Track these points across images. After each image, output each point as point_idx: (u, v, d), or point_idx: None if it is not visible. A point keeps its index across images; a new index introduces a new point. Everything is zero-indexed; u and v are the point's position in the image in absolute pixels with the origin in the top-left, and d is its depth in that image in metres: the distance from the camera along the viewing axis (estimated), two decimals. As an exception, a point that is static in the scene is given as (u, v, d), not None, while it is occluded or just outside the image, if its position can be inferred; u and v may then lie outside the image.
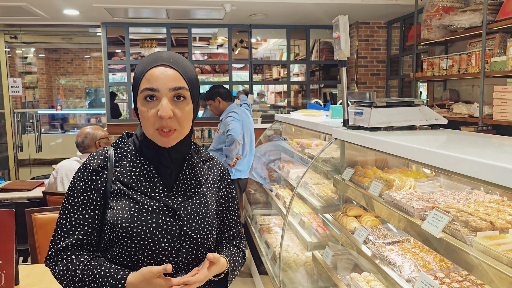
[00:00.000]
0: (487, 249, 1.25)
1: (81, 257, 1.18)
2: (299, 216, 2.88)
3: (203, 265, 1.19)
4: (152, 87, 1.14)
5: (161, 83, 1.14)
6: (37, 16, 5.26)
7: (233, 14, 5.29)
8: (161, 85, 1.14)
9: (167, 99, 1.15)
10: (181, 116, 1.17)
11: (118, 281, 1.13)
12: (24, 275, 1.99)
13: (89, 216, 1.20)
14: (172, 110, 1.15)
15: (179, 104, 1.17)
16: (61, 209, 1.22)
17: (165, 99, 1.14)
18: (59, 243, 1.20)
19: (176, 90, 1.16)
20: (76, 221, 1.20)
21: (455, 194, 1.81)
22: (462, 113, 3.85)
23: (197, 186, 1.28)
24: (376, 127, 2.14)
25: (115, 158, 1.24)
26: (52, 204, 3.03)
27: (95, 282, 1.13)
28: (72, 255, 1.18)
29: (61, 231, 1.20)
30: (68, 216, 1.20)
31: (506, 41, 3.45)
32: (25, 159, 6.91)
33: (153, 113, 1.15)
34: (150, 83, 1.15)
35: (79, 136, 3.11)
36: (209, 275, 1.18)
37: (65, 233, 1.19)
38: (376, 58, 5.94)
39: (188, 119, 1.19)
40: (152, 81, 1.15)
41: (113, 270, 1.15)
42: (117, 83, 7.34)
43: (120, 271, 1.15)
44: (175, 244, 1.19)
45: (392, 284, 1.66)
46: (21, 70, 9.39)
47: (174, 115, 1.15)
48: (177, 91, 1.16)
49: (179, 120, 1.17)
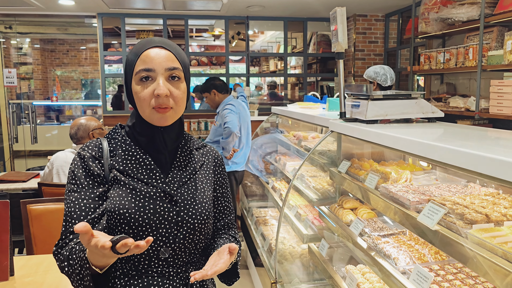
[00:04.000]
0: (482, 241, 1.26)
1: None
2: (295, 208, 2.89)
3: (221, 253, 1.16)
4: (148, 67, 1.17)
5: (156, 63, 1.17)
6: (32, 6, 5.21)
7: (230, 6, 5.26)
8: (157, 65, 1.17)
9: (163, 78, 1.18)
10: (177, 94, 1.20)
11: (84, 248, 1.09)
12: (19, 266, 1.98)
13: (98, 198, 1.18)
14: (168, 88, 1.18)
15: (174, 84, 1.20)
16: (66, 199, 1.19)
17: (161, 78, 1.17)
18: (70, 229, 1.16)
19: (172, 70, 1.19)
20: (86, 205, 1.17)
21: (450, 187, 1.81)
22: (459, 106, 3.86)
23: (192, 172, 1.28)
24: (373, 120, 2.14)
25: (109, 148, 1.24)
26: (47, 195, 3.01)
27: (72, 255, 1.11)
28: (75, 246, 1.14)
29: (72, 219, 1.16)
30: (76, 202, 1.17)
31: (503, 35, 3.45)
32: (20, 151, 6.88)
33: (149, 92, 1.17)
34: (146, 64, 1.17)
35: (72, 127, 3.08)
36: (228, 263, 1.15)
37: (75, 220, 1.16)
38: (374, 51, 5.92)
39: (183, 98, 1.22)
40: (147, 62, 1.17)
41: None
42: (113, 75, 7.30)
43: None
44: (173, 230, 1.19)
45: (387, 276, 1.66)
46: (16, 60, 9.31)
47: (170, 93, 1.18)
48: (172, 71, 1.19)
49: (175, 99, 1.19)
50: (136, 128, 1.25)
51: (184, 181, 1.25)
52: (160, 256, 1.19)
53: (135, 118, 1.25)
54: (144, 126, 1.23)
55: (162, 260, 1.20)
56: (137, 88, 1.19)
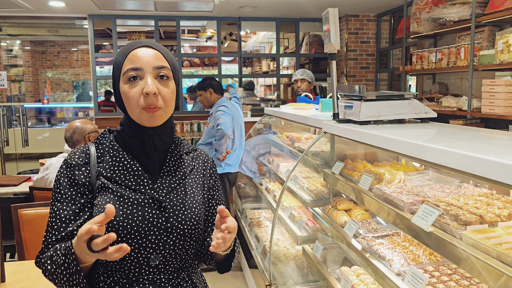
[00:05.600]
0: (476, 242, 1.26)
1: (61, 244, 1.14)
2: (289, 210, 2.88)
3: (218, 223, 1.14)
4: (136, 67, 1.16)
5: (144, 62, 1.17)
6: (22, 8, 5.16)
7: (222, 6, 5.24)
8: (145, 64, 1.17)
9: (151, 76, 1.17)
10: (166, 93, 1.19)
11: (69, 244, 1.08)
12: (10, 272, 1.95)
13: (79, 210, 1.18)
14: (157, 87, 1.17)
15: (163, 83, 1.19)
16: (50, 208, 1.20)
17: (150, 77, 1.17)
18: (50, 240, 1.17)
19: (160, 69, 1.18)
20: (66, 216, 1.17)
21: (444, 187, 1.81)
22: (451, 106, 3.87)
23: (181, 177, 1.27)
24: (366, 121, 2.14)
25: (97, 154, 1.22)
26: (39, 200, 2.98)
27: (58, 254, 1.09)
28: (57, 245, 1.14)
29: (52, 229, 1.17)
30: (57, 213, 1.18)
31: (494, 35, 3.47)
32: (11, 154, 6.81)
33: (137, 91, 1.16)
34: (134, 63, 1.17)
35: (67, 130, 3.03)
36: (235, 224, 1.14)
37: (55, 231, 1.17)
38: (366, 51, 5.94)
39: (172, 98, 1.21)
40: (135, 61, 1.17)
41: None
42: (105, 77, 7.26)
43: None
44: (162, 237, 1.18)
45: (382, 278, 1.66)
46: (6, 63, 9.22)
47: (159, 92, 1.17)
48: (160, 70, 1.18)
49: (164, 98, 1.18)
50: (125, 130, 1.23)
51: (173, 186, 1.24)
52: (151, 263, 1.18)
53: (124, 122, 1.24)
54: (134, 127, 1.22)
55: (153, 267, 1.18)
56: (125, 87, 1.17)
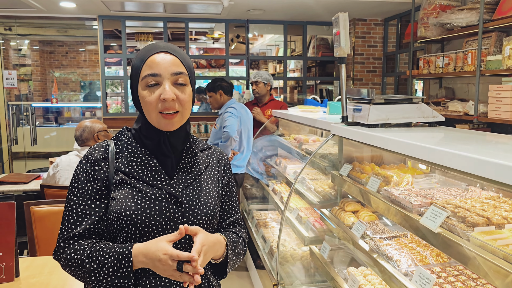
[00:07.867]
0: (484, 243, 1.28)
1: (88, 241, 1.20)
2: (296, 211, 2.91)
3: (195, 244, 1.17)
4: (154, 73, 1.19)
5: (162, 68, 1.20)
6: (33, 8, 5.22)
7: (231, 9, 5.29)
8: (163, 70, 1.20)
9: (169, 82, 1.20)
10: (183, 98, 1.22)
11: (125, 248, 1.14)
12: (24, 267, 1.99)
13: (95, 205, 1.22)
14: (174, 93, 1.20)
15: (180, 88, 1.22)
16: (66, 202, 1.25)
17: (168, 83, 1.20)
18: (67, 234, 1.21)
19: (177, 75, 1.21)
20: (82, 211, 1.21)
21: (451, 190, 1.84)
22: (457, 110, 3.89)
23: (197, 174, 1.31)
24: (374, 124, 2.17)
25: (115, 150, 1.27)
26: (49, 197, 3.03)
27: (103, 254, 1.14)
28: (80, 241, 1.20)
29: (68, 223, 1.22)
30: (74, 207, 1.22)
31: (502, 40, 3.49)
32: (19, 152, 6.88)
33: (155, 97, 1.20)
34: (152, 69, 1.20)
35: (77, 129, 3.11)
36: (204, 244, 1.15)
37: (72, 224, 1.21)
38: (373, 55, 5.96)
39: (189, 102, 1.25)
40: (153, 67, 1.20)
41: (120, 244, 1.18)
42: (113, 77, 7.32)
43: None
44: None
45: (389, 278, 1.69)
46: (15, 62, 9.31)
47: (176, 97, 1.21)
48: (178, 76, 1.21)
49: (181, 102, 1.22)
50: (142, 131, 1.27)
51: (189, 182, 1.28)
52: None
53: (141, 122, 1.28)
54: (151, 130, 1.26)
55: None
56: (143, 93, 1.21)
